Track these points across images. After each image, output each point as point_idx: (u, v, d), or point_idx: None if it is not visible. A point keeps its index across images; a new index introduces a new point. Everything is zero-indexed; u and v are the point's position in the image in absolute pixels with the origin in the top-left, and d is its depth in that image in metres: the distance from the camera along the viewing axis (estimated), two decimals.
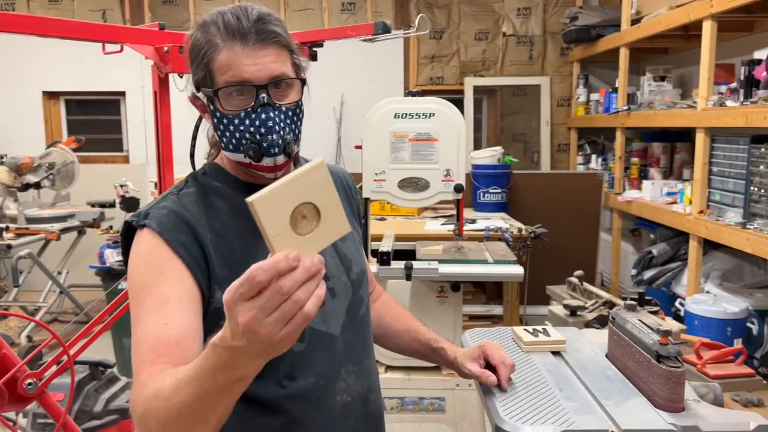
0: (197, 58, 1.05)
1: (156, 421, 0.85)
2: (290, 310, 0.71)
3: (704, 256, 3.32)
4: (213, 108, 1.06)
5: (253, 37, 1.01)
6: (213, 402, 0.81)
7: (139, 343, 0.95)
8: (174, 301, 0.97)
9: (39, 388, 1.83)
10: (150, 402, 0.86)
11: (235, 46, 1.01)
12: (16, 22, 1.65)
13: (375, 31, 2.14)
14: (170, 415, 0.83)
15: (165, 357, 0.89)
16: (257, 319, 0.70)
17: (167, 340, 0.92)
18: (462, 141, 2.46)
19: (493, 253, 2.62)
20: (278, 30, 1.03)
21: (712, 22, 3.04)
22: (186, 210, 1.06)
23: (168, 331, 0.93)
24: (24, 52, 5.47)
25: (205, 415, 0.82)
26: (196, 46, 1.05)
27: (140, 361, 0.93)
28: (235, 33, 1.01)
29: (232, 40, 1.01)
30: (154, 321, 0.95)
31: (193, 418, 0.83)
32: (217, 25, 1.02)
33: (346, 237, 1.22)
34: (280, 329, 0.71)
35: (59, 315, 4.91)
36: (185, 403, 0.81)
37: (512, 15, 5.54)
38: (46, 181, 4.80)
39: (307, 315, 0.72)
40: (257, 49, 1.01)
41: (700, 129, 3.16)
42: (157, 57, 2.03)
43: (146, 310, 0.97)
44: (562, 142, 5.64)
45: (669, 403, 1.07)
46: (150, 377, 0.88)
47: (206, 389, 0.80)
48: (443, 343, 1.31)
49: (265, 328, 0.70)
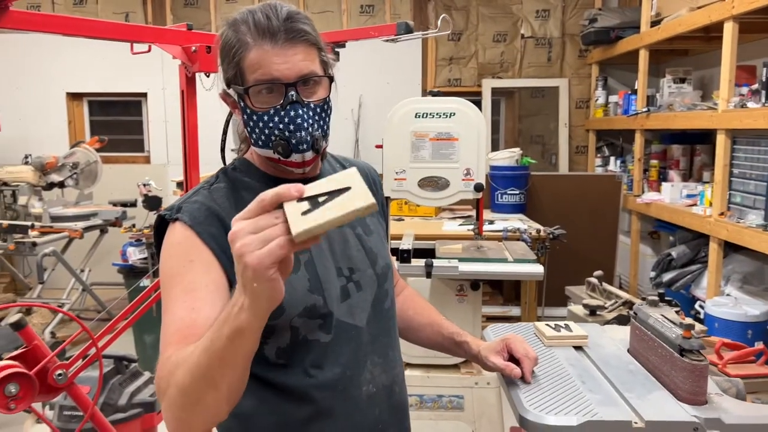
0: (228, 56, 1.07)
1: (176, 389, 0.87)
2: (269, 233, 0.76)
3: (724, 258, 3.30)
4: (243, 105, 1.09)
5: (283, 36, 1.03)
6: (220, 361, 0.83)
7: (166, 327, 0.97)
8: (201, 288, 0.99)
9: (69, 378, 1.88)
10: (173, 371, 0.88)
11: (264, 45, 1.03)
12: (51, 22, 1.70)
13: (397, 32, 2.17)
14: (185, 380, 0.85)
15: (191, 339, 0.90)
16: (242, 238, 0.76)
17: (194, 323, 0.94)
18: (482, 141, 2.48)
19: (513, 252, 2.63)
20: (307, 28, 1.06)
21: (733, 23, 3.03)
22: (217, 204, 1.08)
23: (195, 314, 0.96)
24: (49, 55, 5.57)
25: (215, 379, 0.84)
26: (227, 44, 1.07)
27: (167, 342, 0.95)
28: (265, 32, 1.03)
29: (262, 38, 1.03)
30: (182, 306, 0.97)
31: (204, 383, 0.85)
32: (247, 24, 1.05)
33: (371, 231, 1.25)
34: (254, 248, 0.75)
35: (81, 312, 4.98)
36: (198, 363, 0.84)
37: (531, 17, 5.54)
38: (70, 180, 4.88)
39: (280, 243, 0.75)
40: (286, 48, 1.03)
41: (721, 131, 3.15)
42: (184, 57, 2.07)
43: (174, 296, 0.99)
44: (581, 144, 5.63)
45: (692, 396, 1.09)
46: (176, 353, 0.91)
47: (215, 343, 0.82)
48: (466, 336, 1.33)
49: (244, 244, 0.75)
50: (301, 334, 1.08)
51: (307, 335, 1.08)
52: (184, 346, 0.90)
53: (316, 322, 1.09)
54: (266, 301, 0.79)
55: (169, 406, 0.89)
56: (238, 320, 0.80)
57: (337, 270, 1.14)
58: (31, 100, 5.65)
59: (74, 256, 4.80)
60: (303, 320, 1.07)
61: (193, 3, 5.62)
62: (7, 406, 1.78)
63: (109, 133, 5.54)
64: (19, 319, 1.85)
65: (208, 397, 0.86)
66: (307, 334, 1.08)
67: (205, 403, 0.87)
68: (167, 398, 0.89)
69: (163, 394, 0.89)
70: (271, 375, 1.08)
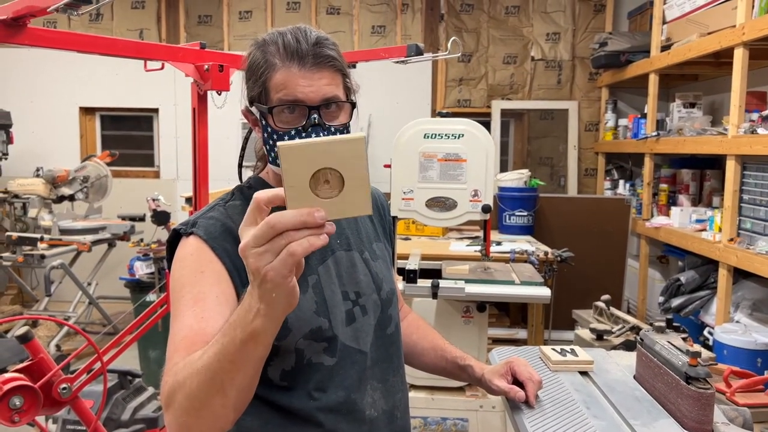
0: (254, 75, 1.09)
1: (182, 393, 0.86)
2: (279, 244, 0.75)
3: (734, 285, 3.28)
4: (265, 123, 1.10)
5: (311, 60, 1.05)
6: (230, 365, 0.82)
7: (174, 334, 0.97)
8: (211, 298, 0.99)
9: (73, 392, 1.88)
10: (178, 374, 0.87)
11: (292, 67, 1.05)
12: (68, 39, 1.73)
13: (408, 53, 2.19)
14: (193, 383, 0.84)
15: (198, 346, 0.90)
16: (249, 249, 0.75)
17: (202, 331, 0.94)
18: (490, 162, 2.48)
19: (520, 274, 2.62)
20: (334, 54, 1.08)
21: (743, 49, 3.04)
22: (232, 221, 1.09)
23: (204, 324, 0.96)
24: (63, 70, 5.65)
25: (224, 383, 0.83)
26: (254, 63, 1.09)
27: (174, 349, 0.94)
28: (293, 54, 1.05)
29: (290, 60, 1.05)
30: (191, 315, 0.97)
31: (213, 387, 0.84)
32: (276, 45, 1.07)
33: (378, 256, 1.25)
34: (268, 261, 0.75)
35: (87, 326, 4.99)
36: (207, 367, 0.83)
37: (541, 40, 5.58)
38: (80, 193, 4.93)
39: (291, 252, 0.74)
40: (313, 72, 1.05)
41: (731, 156, 3.14)
42: (197, 75, 2.09)
43: (184, 305, 0.99)
44: (590, 166, 5.63)
45: (698, 425, 1.07)
46: (182, 359, 0.90)
47: (226, 347, 0.82)
48: (470, 360, 1.32)
49: (254, 258, 0.75)
50: (305, 356, 1.08)
51: (311, 358, 1.08)
52: (191, 354, 0.90)
53: (321, 345, 1.08)
54: (284, 305, 0.79)
55: (174, 411, 0.88)
56: (254, 325, 0.80)
57: (343, 294, 1.15)
58: (44, 114, 5.73)
59: (82, 270, 4.83)
60: (308, 342, 1.07)
61: (206, 21, 5.70)
62: (11, 419, 1.78)
63: (120, 148, 5.60)
64: (26, 332, 1.86)
65: (215, 401, 0.85)
66: (312, 357, 1.08)
67: (211, 409, 0.86)
68: (173, 403, 0.88)
69: (168, 399, 0.89)
70: (275, 397, 1.08)
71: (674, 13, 4.00)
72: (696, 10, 3.71)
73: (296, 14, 5.63)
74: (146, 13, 5.70)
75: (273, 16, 5.64)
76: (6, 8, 1.59)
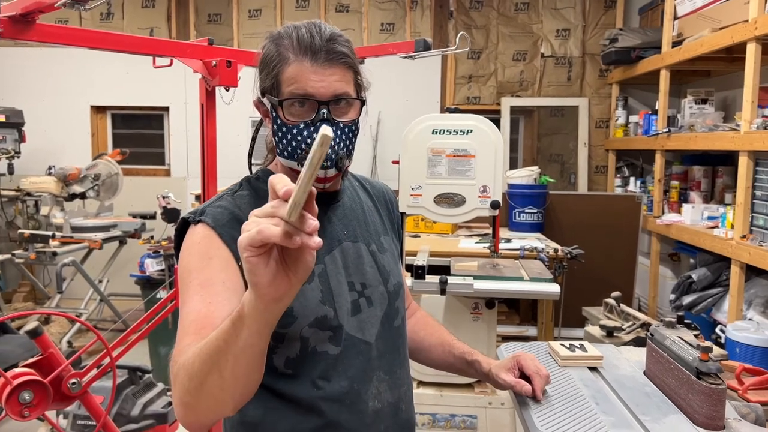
0: (267, 67, 1.10)
1: (184, 372, 0.87)
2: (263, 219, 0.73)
3: (746, 282, 3.24)
4: (275, 115, 1.11)
5: (323, 55, 1.06)
6: (224, 344, 0.82)
7: (183, 318, 0.98)
8: (218, 283, 1.00)
9: (82, 387, 1.88)
10: (185, 354, 0.89)
11: (304, 62, 1.06)
12: (75, 35, 1.74)
13: (416, 48, 2.18)
14: (194, 362, 0.86)
15: (207, 330, 0.90)
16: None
17: (210, 314, 0.95)
18: (499, 158, 2.47)
19: (530, 271, 2.61)
20: (346, 51, 1.09)
21: (756, 44, 3.00)
22: (240, 210, 1.10)
23: (212, 308, 0.96)
24: (74, 70, 5.69)
25: (219, 363, 0.83)
26: (267, 56, 1.10)
27: (183, 332, 0.95)
28: (306, 49, 1.06)
29: (303, 55, 1.06)
30: (199, 300, 0.98)
31: (209, 364, 0.84)
32: (290, 38, 1.08)
33: (385, 249, 1.25)
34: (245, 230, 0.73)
35: (98, 322, 5.02)
36: (207, 343, 0.84)
37: (551, 36, 5.54)
38: (92, 191, 4.96)
39: (260, 229, 0.71)
40: (325, 67, 1.06)
41: (743, 152, 3.11)
42: (205, 71, 2.09)
43: (192, 290, 1.00)
44: (600, 163, 5.59)
45: (709, 421, 1.06)
46: (193, 342, 0.91)
47: (222, 326, 0.83)
48: (478, 356, 1.32)
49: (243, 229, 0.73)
50: (310, 345, 1.08)
51: (316, 346, 1.09)
52: (200, 337, 0.90)
53: (326, 334, 1.09)
54: (263, 291, 0.75)
55: (178, 391, 0.90)
56: (240, 305, 0.80)
57: (349, 284, 1.15)
58: (56, 113, 5.76)
59: (93, 267, 4.86)
60: (313, 330, 1.08)
61: (216, 19, 5.71)
62: (21, 414, 1.79)
63: (131, 146, 5.63)
64: (36, 327, 1.87)
65: (212, 380, 0.85)
66: (317, 345, 1.09)
67: (208, 387, 0.86)
68: (177, 383, 0.89)
69: (174, 378, 0.90)
70: (279, 385, 1.09)
71: (686, 9, 3.96)
72: (708, 5, 3.67)
73: (305, 12, 5.64)
74: (156, 12, 5.73)
75: (282, 13, 5.65)
76: (14, 5, 1.60)
